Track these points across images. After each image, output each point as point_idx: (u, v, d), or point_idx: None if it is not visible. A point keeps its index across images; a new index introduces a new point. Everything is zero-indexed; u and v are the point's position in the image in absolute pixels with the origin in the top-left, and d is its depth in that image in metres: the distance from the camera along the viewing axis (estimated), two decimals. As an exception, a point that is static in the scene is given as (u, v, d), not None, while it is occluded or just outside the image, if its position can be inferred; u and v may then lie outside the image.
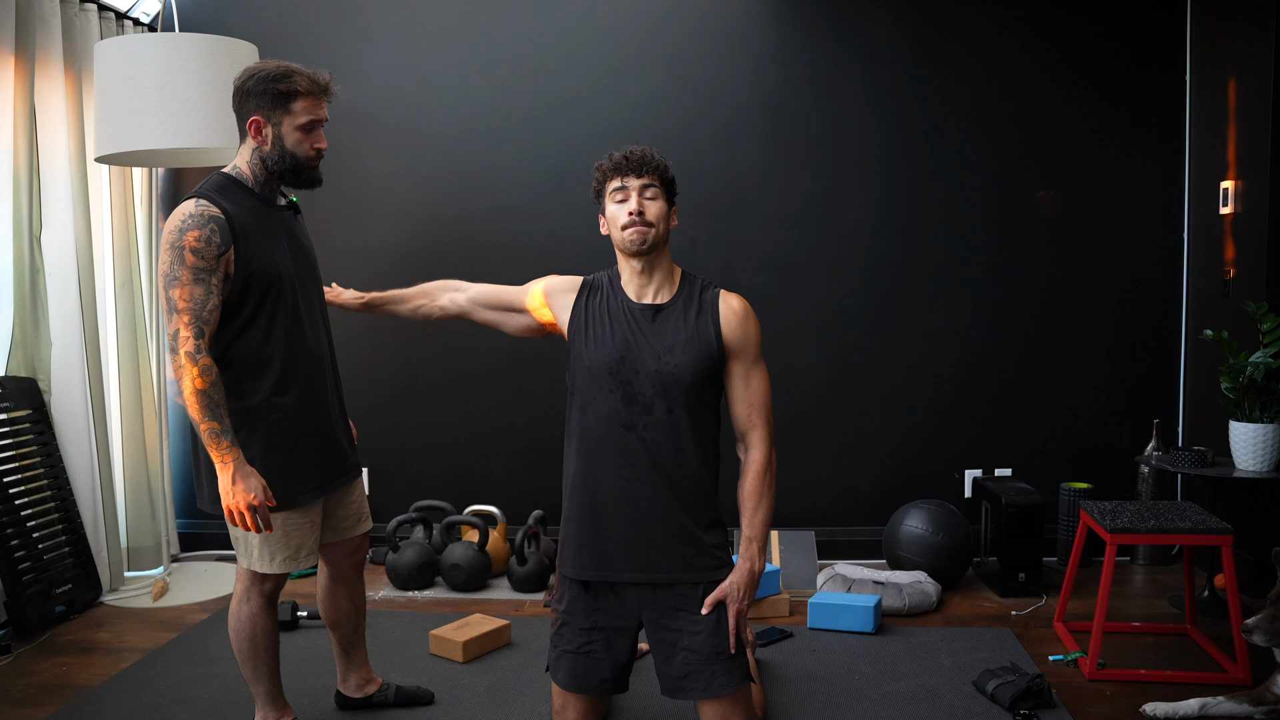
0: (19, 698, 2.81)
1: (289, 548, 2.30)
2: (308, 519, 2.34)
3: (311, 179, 2.34)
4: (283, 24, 4.15)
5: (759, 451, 2.17)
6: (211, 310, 2.14)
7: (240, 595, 2.36)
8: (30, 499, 3.40)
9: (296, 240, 2.37)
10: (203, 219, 2.14)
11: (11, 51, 3.31)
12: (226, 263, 2.16)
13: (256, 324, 2.22)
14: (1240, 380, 3.30)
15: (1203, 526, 2.90)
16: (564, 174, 4.05)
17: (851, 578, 3.57)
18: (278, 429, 2.25)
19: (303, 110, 2.26)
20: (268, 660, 2.39)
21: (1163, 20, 3.99)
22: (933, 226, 4.08)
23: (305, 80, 2.26)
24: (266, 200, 2.31)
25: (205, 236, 2.13)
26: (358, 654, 2.68)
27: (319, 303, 2.43)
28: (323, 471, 2.36)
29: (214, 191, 2.21)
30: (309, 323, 2.34)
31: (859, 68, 4.05)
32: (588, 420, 2.13)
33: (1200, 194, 3.95)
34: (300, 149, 2.27)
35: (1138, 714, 2.63)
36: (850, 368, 4.13)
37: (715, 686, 2.10)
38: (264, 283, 2.21)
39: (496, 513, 3.95)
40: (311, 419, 2.32)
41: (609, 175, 2.15)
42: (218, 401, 2.14)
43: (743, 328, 2.16)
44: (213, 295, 2.14)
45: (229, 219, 2.17)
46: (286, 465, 2.27)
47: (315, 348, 2.35)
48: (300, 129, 2.26)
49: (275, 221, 2.31)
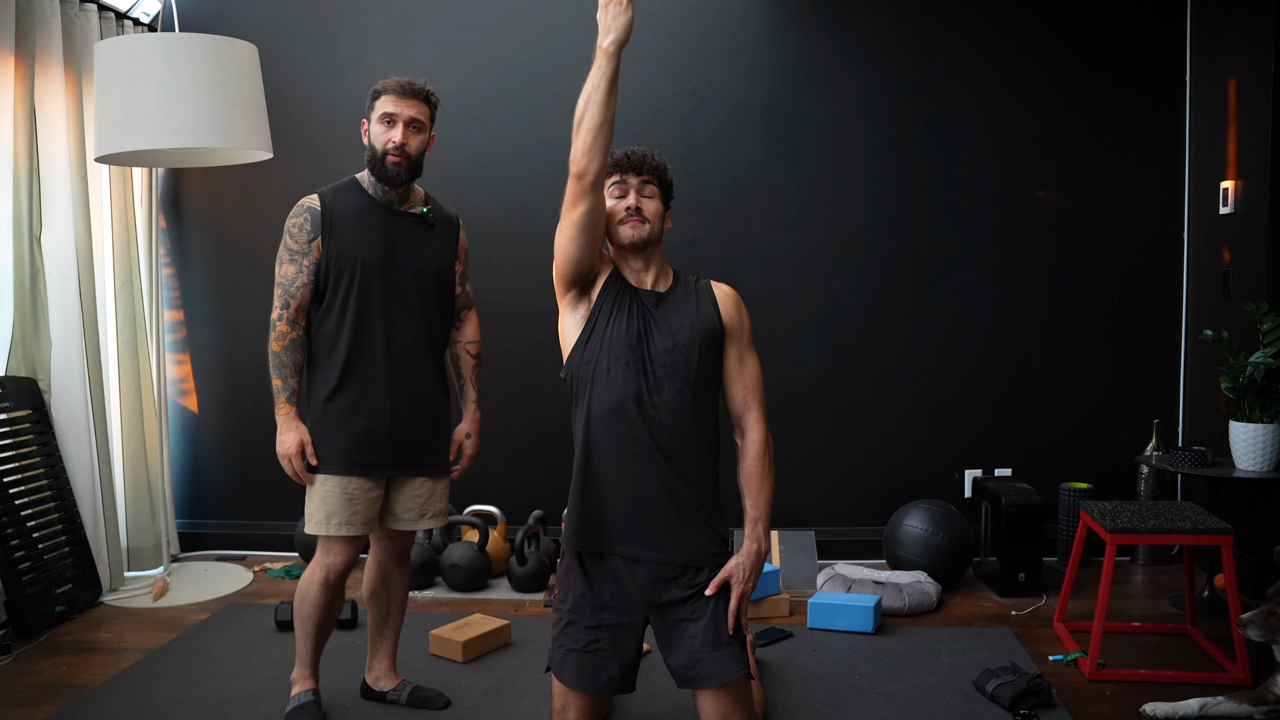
0: (19, 698, 2.81)
1: (322, 512, 2.52)
2: (343, 491, 2.51)
3: (384, 172, 2.50)
4: (283, 24, 4.16)
5: (757, 433, 2.22)
6: (299, 287, 2.48)
7: (311, 564, 2.61)
8: (30, 499, 3.40)
9: (404, 244, 2.56)
10: (302, 209, 2.50)
11: (11, 51, 3.31)
12: (316, 248, 2.48)
13: (333, 307, 2.51)
14: (1240, 380, 3.30)
15: (1203, 526, 2.90)
16: (564, 173, 3.99)
17: (851, 578, 3.57)
18: (330, 400, 2.52)
19: (381, 104, 2.49)
20: (310, 628, 2.60)
21: (1162, 21, 3.99)
22: (933, 226, 4.08)
23: (391, 81, 2.50)
24: (381, 202, 2.55)
25: (299, 224, 2.48)
26: (384, 644, 2.77)
27: (412, 306, 2.57)
28: (365, 454, 2.52)
29: (328, 188, 2.55)
30: (385, 319, 2.52)
31: (859, 68, 4.05)
32: (598, 396, 2.14)
33: (1200, 194, 3.95)
34: (378, 141, 2.49)
35: (1138, 714, 2.63)
36: (850, 368, 4.13)
37: (724, 672, 2.10)
38: (340, 271, 2.49)
39: (496, 513, 3.95)
40: (365, 403, 2.52)
41: (609, 171, 2.20)
42: (286, 364, 2.48)
43: (737, 311, 2.25)
44: (302, 274, 2.48)
45: (324, 210, 2.49)
46: (328, 434, 2.52)
47: (388, 343, 2.52)
48: (379, 122, 2.49)
49: (381, 221, 2.54)
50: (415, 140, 2.50)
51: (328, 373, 2.52)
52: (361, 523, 2.53)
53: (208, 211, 4.27)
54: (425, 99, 2.53)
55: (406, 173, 2.51)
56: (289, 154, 3.99)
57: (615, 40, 2.00)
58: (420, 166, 2.55)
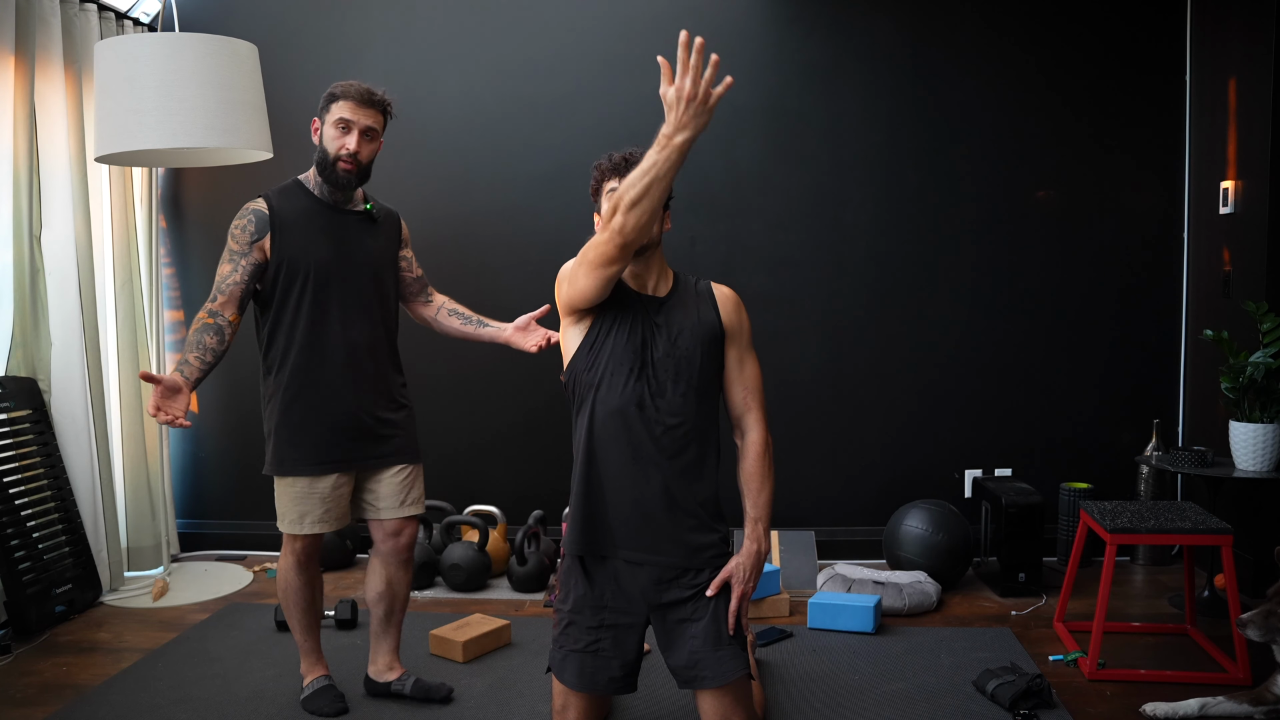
0: (19, 698, 2.81)
1: (294, 512, 2.59)
2: (313, 490, 2.58)
3: (334, 177, 2.53)
4: (283, 24, 4.16)
5: (757, 433, 2.23)
6: (232, 284, 2.51)
7: (281, 554, 2.70)
8: (30, 499, 3.40)
9: (354, 242, 2.60)
10: (247, 211, 2.53)
11: (11, 51, 3.31)
12: (259, 250, 2.50)
13: (285, 307, 2.54)
14: (1240, 380, 3.30)
15: (1203, 526, 2.90)
16: (564, 172, 4.05)
17: (851, 578, 3.57)
18: (287, 404, 2.55)
19: (337, 109, 2.50)
20: (298, 616, 2.70)
21: (1162, 21, 3.99)
22: (933, 226, 4.08)
23: (350, 87, 2.52)
24: (327, 203, 2.59)
25: (243, 226, 2.51)
26: (387, 639, 2.81)
27: (368, 302, 2.61)
28: (330, 450, 2.57)
29: (273, 190, 2.57)
30: (341, 317, 2.56)
31: (859, 68, 4.05)
32: (601, 400, 2.14)
33: (1200, 194, 3.95)
34: (331, 145, 2.51)
35: (1138, 714, 2.63)
36: (850, 367, 4.13)
37: (724, 672, 2.11)
38: (293, 273, 2.52)
39: (496, 513, 3.95)
40: (324, 401, 2.56)
41: (607, 176, 2.19)
42: (192, 342, 2.49)
43: (737, 313, 2.25)
44: (237, 273, 2.51)
45: (272, 213, 2.51)
46: (287, 438, 2.56)
47: (346, 340, 2.56)
48: (334, 126, 2.50)
49: (329, 221, 2.57)
50: (368, 149, 2.54)
51: (286, 375, 2.55)
52: (334, 519, 2.62)
53: (208, 211, 4.27)
54: (382, 109, 2.56)
55: (356, 179, 2.55)
56: (289, 154, 3.98)
57: (689, 139, 1.89)
58: (369, 173, 2.59)
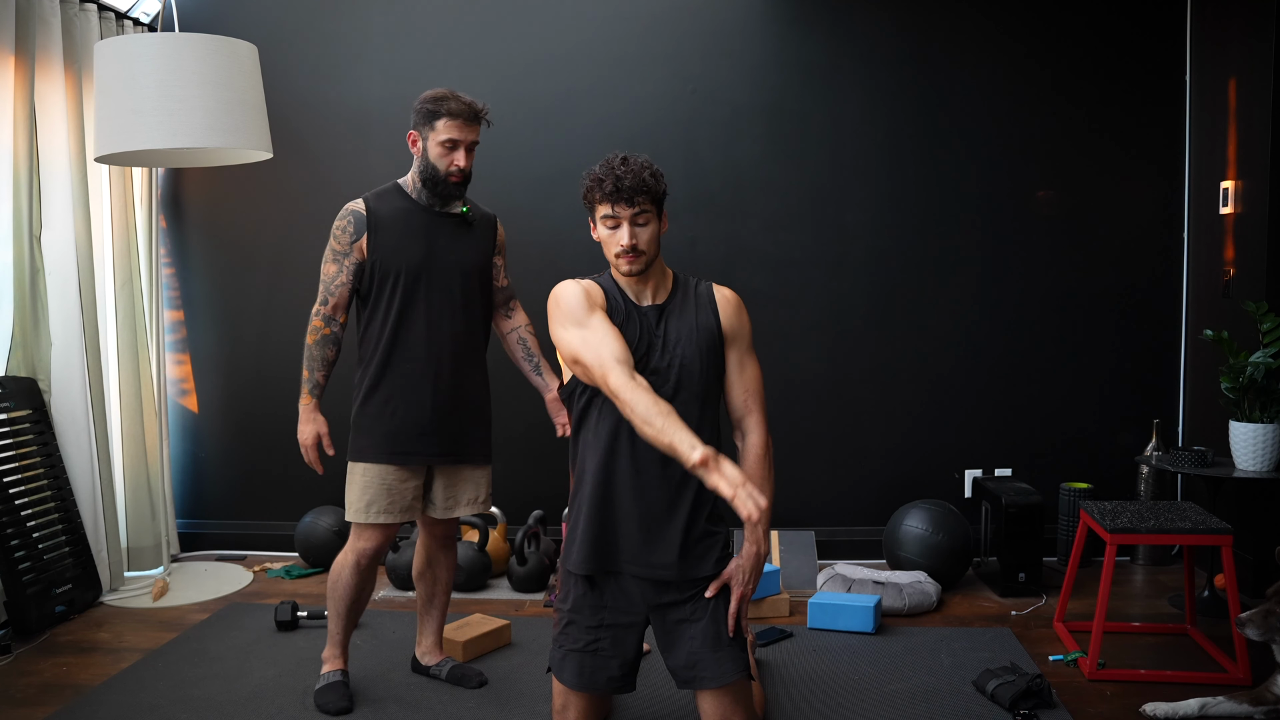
0: (19, 698, 2.81)
1: (361, 501, 2.65)
2: (382, 480, 2.64)
3: (447, 191, 2.64)
4: (283, 24, 4.16)
5: (757, 435, 2.22)
6: (339, 285, 2.64)
7: (345, 548, 2.74)
8: (30, 499, 3.40)
9: (446, 244, 2.68)
10: (347, 212, 2.63)
11: (11, 51, 3.31)
12: (359, 249, 2.61)
13: (379, 306, 2.65)
14: (1240, 380, 3.30)
15: (1203, 526, 2.90)
16: (564, 172, 4.04)
17: (851, 578, 3.57)
18: (368, 395, 2.66)
19: (444, 129, 2.57)
20: (341, 608, 2.74)
21: (1163, 20, 3.99)
22: (932, 226, 4.08)
23: (455, 104, 2.58)
24: (424, 205, 2.67)
25: (344, 226, 2.62)
26: (430, 623, 2.93)
27: (455, 303, 2.69)
28: (404, 444, 2.65)
29: (371, 193, 2.67)
30: (427, 316, 2.65)
31: (859, 68, 4.05)
32: (603, 414, 2.14)
33: (1200, 194, 3.95)
34: (440, 163, 2.60)
35: (1138, 714, 2.63)
36: (850, 368, 4.13)
37: (724, 673, 2.11)
38: (386, 271, 2.62)
39: (496, 513, 3.95)
40: (402, 396, 2.64)
41: (599, 201, 2.11)
42: (315, 357, 2.64)
43: (737, 315, 2.23)
44: (342, 273, 2.63)
45: (369, 214, 2.62)
46: (365, 426, 2.66)
47: (430, 340, 2.65)
48: (441, 145, 2.59)
49: (424, 223, 2.66)
50: (471, 160, 2.65)
51: (372, 367, 2.65)
52: (399, 511, 2.66)
53: (208, 211, 4.27)
54: (486, 123, 2.67)
55: (464, 189, 2.67)
56: (289, 154, 3.99)
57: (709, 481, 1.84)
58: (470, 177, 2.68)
